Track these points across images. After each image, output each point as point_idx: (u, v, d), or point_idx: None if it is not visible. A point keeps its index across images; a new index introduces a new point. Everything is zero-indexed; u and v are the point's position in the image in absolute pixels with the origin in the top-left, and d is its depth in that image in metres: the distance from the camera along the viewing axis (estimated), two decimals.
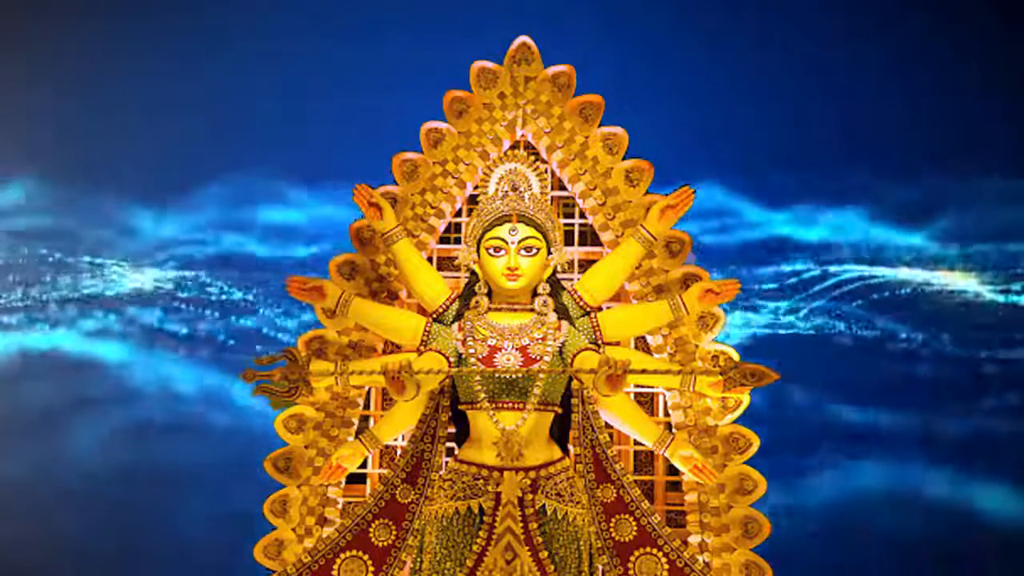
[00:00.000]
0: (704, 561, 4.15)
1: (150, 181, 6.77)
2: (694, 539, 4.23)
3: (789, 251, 6.92)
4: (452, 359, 3.85)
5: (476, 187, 4.32)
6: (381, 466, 4.44)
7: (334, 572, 3.96)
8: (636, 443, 4.34)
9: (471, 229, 3.99)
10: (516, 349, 3.83)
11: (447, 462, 4.01)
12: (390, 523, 3.98)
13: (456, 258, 4.38)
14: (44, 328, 6.80)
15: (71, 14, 6.75)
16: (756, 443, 4.22)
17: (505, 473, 3.78)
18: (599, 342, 4.07)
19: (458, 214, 4.51)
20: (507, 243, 3.88)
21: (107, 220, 6.84)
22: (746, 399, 4.20)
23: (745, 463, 4.23)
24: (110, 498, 6.30)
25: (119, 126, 6.70)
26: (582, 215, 4.49)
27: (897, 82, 6.70)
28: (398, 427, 4.17)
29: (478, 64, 4.46)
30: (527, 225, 3.90)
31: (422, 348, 4.03)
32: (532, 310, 3.93)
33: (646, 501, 3.99)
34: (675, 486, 4.36)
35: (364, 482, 4.43)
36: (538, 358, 3.82)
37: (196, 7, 6.80)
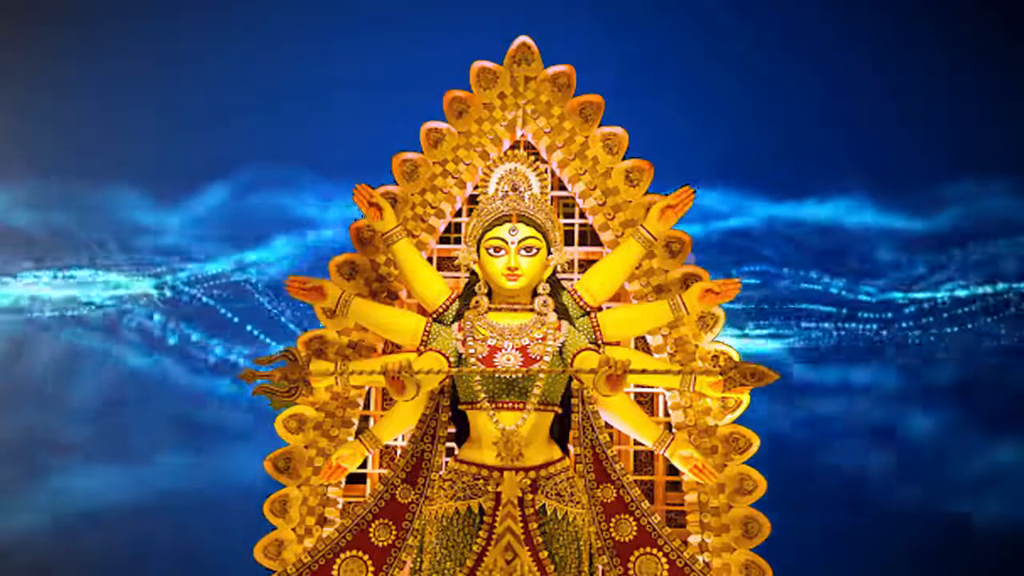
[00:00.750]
0: (704, 561, 4.15)
1: (149, 180, 6.78)
2: (694, 539, 4.23)
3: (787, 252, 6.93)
4: (452, 359, 3.85)
5: (476, 187, 4.32)
6: (381, 466, 4.44)
7: (334, 572, 3.96)
8: (636, 443, 4.34)
9: (471, 229, 3.99)
10: (516, 349, 3.83)
11: (447, 462, 4.01)
12: (390, 523, 3.98)
13: (456, 258, 4.38)
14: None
15: (72, 12, 6.76)
16: (756, 443, 4.22)
17: (505, 473, 3.78)
18: (599, 342, 4.07)
19: (458, 214, 4.51)
20: (507, 243, 3.88)
21: (107, 220, 6.86)
22: (746, 399, 4.20)
23: (745, 463, 4.23)
24: None
25: (115, 126, 6.71)
26: (582, 215, 4.49)
27: (899, 82, 6.72)
28: (398, 427, 4.17)
29: (478, 64, 4.46)
30: (527, 225, 3.89)
31: (422, 348, 4.03)
32: (532, 310, 3.93)
33: (646, 501, 3.99)
34: (675, 486, 4.36)
35: (364, 482, 4.43)
36: (538, 358, 3.82)
37: (196, 9, 6.80)
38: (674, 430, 4.25)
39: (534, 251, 3.89)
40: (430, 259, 4.44)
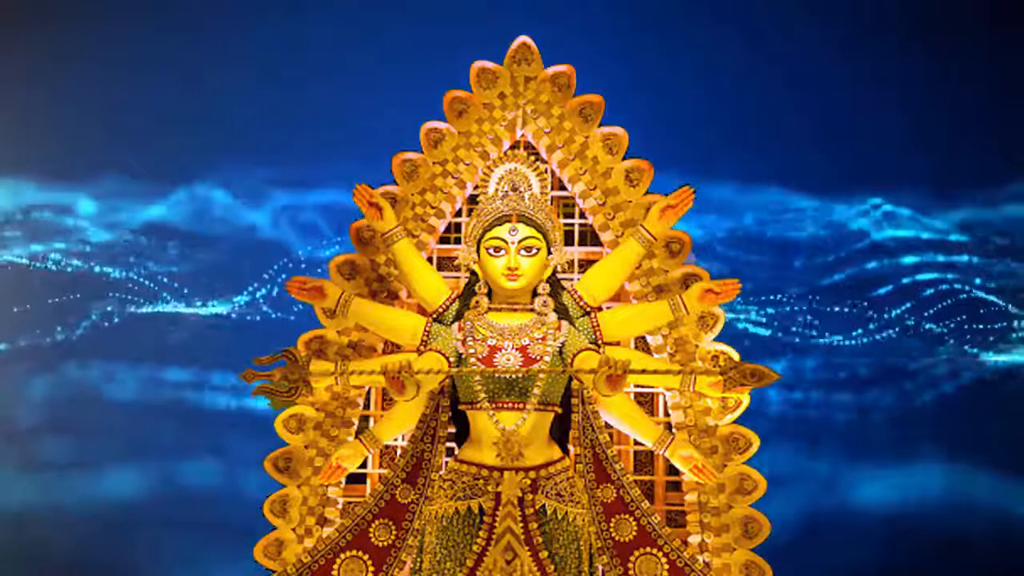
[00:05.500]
0: (704, 561, 4.15)
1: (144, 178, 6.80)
2: (694, 539, 4.23)
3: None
4: (452, 359, 3.85)
5: (476, 187, 4.32)
6: (381, 466, 4.44)
7: (334, 572, 3.96)
8: (636, 443, 4.34)
9: (471, 229, 3.99)
10: (516, 349, 3.83)
11: (447, 462, 4.01)
12: (390, 523, 3.97)
13: (456, 258, 4.38)
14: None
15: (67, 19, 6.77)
16: (756, 443, 4.22)
17: (505, 473, 3.78)
18: (599, 342, 4.07)
19: (458, 214, 4.51)
20: (507, 243, 3.88)
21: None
22: (746, 399, 4.20)
23: (745, 463, 4.23)
24: None
25: (111, 123, 6.72)
26: (582, 215, 4.49)
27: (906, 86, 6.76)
28: (398, 427, 4.17)
29: (478, 64, 4.46)
30: (527, 225, 3.89)
31: (422, 348, 4.03)
32: (532, 310, 3.93)
33: (646, 501, 3.99)
34: (675, 486, 4.36)
35: (364, 482, 4.43)
36: (538, 358, 3.82)
37: (195, 9, 6.81)
38: (674, 430, 4.26)
39: (534, 251, 3.89)
40: (430, 259, 4.44)
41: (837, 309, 6.98)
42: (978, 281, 6.87)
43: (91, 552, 6.25)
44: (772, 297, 6.94)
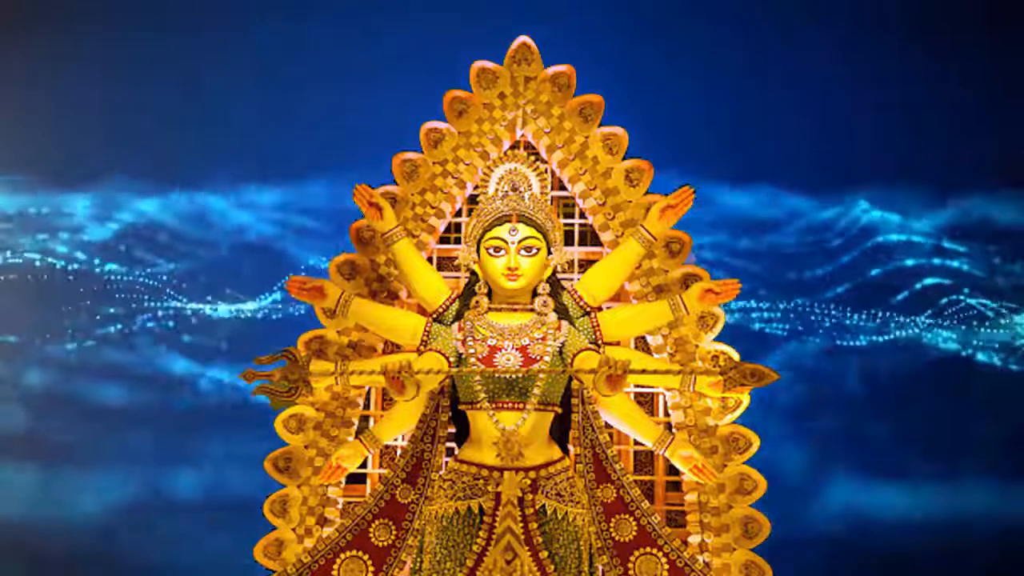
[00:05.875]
0: (704, 561, 4.15)
1: (148, 177, 6.81)
2: (694, 539, 4.23)
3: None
4: (452, 359, 3.85)
5: (476, 187, 4.32)
6: (381, 466, 4.44)
7: (334, 572, 3.96)
8: (636, 443, 4.34)
9: (471, 229, 3.99)
10: (516, 349, 3.83)
11: (447, 462, 4.01)
12: (390, 523, 3.98)
13: (456, 258, 4.38)
14: None
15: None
16: (756, 443, 4.22)
17: (505, 473, 3.78)
18: (599, 342, 4.07)
19: (458, 214, 4.51)
20: (507, 243, 3.88)
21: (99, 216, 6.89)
22: (746, 399, 4.20)
23: (745, 463, 4.23)
24: None
25: (110, 124, 6.72)
26: (582, 215, 4.49)
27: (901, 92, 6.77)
28: (398, 427, 4.17)
29: (478, 64, 4.46)
30: (527, 225, 3.89)
31: (422, 348, 4.03)
32: (532, 310, 3.93)
33: (646, 501, 3.99)
34: (675, 486, 4.36)
35: (364, 482, 4.43)
36: (538, 358, 3.82)
37: (195, 10, 6.81)
38: (674, 430, 4.26)
39: (534, 251, 3.89)
40: (430, 259, 4.44)
41: (837, 310, 6.99)
42: (969, 289, 6.88)
43: (90, 552, 6.25)
44: (775, 297, 6.95)
